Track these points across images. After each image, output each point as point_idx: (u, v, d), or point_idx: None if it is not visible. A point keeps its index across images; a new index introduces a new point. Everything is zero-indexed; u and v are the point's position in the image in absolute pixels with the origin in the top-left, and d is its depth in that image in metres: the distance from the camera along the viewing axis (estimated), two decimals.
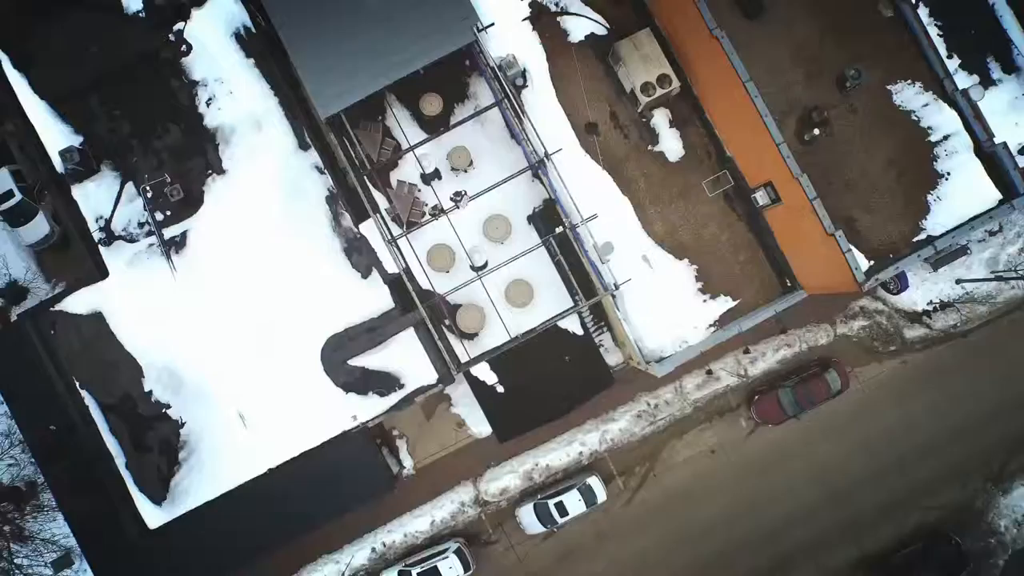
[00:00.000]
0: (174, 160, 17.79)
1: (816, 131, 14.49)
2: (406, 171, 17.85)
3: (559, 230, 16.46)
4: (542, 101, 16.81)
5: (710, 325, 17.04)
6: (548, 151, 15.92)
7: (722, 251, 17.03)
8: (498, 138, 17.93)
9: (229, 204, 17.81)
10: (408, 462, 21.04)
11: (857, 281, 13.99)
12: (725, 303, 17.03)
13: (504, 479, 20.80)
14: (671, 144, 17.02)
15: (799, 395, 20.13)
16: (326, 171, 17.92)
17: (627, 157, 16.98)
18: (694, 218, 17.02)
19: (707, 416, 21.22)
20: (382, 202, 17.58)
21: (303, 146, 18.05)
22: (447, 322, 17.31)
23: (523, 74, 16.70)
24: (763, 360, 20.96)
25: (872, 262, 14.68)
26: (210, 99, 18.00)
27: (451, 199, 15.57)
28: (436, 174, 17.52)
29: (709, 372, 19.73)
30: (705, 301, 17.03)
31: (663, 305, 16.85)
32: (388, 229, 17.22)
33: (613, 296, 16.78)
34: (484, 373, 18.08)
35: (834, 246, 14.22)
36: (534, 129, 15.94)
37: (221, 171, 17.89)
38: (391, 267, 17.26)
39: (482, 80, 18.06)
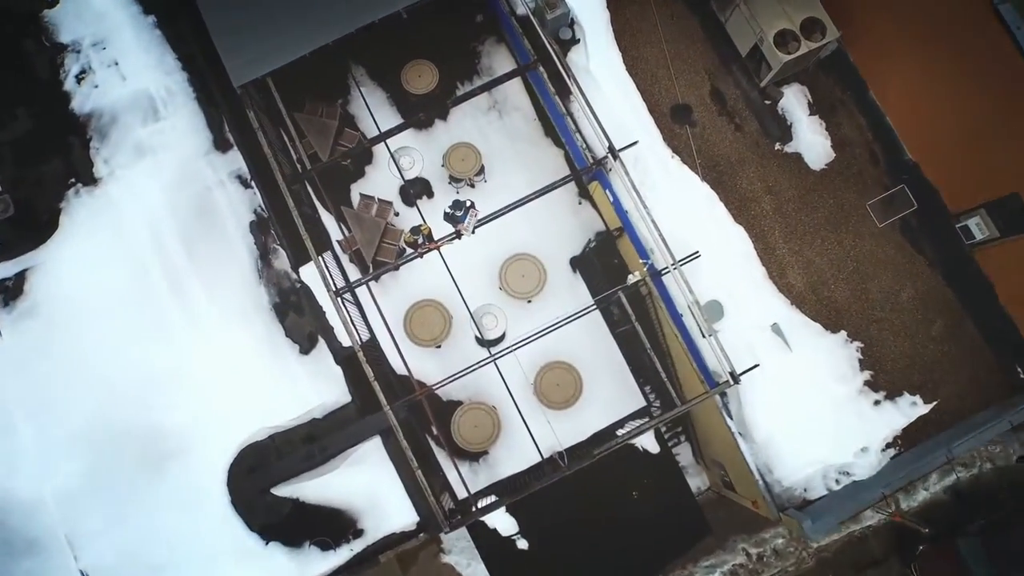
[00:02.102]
0: (18, 160, 11.42)
1: None
2: (377, 181, 11.26)
3: (631, 279, 9.58)
4: (601, 68, 10.29)
5: (888, 444, 9.89)
6: (614, 147, 9.22)
7: (903, 318, 10.10)
8: (524, 131, 11.41)
9: (98, 231, 11.25)
10: None
11: None
12: (912, 406, 9.93)
13: None
14: (812, 141, 10.36)
15: (992, 549, 12.72)
16: (254, 183, 11.42)
17: (741, 161, 10.33)
18: (854, 262, 10.19)
19: (838, 574, 13.84)
20: (335, 231, 10.92)
21: (220, 145, 11.63)
22: (435, 430, 10.29)
23: (571, 23, 10.27)
24: (924, 486, 13.68)
25: None
26: (83, 72, 11.77)
27: (446, 215, 8.76)
28: (423, 188, 10.90)
29: (893, 511, 11.87)
30: (878, 403, 9.94)
31: (806, 409, 9.78)
32: (341, 272, 10.48)
33: (723, 395, 9.78)
34: (496, 516, 10.90)
35: None
36: (590, 111, 9.27)
37: (91, 180, 11.43)
38: (346, 337, 10.40)
39: (501, 46, 11.68)
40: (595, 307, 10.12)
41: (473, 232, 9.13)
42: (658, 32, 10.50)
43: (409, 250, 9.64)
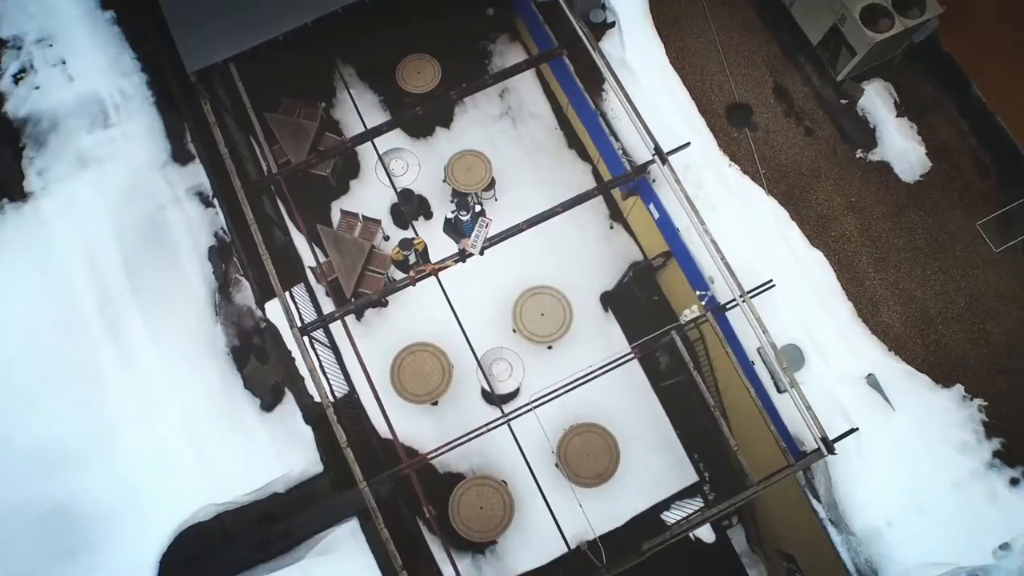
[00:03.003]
0: None
1: None
2: (364, 198, 9.28)
3: (687, 316, 7.41)
4: (639, 60, 8.42)
5: None
6: (662, 149, 7.23)
7: None
8: (543, 142, 9.51)
9: (22, 256, 9.25)
10: None
11: None
12: None
13: None
14: (903, 147, 8.36)
15: None
16: (216, 201, 9.47)
17: (814, 172, 8.31)
18: (966, 296, 8.01)
19: None
20: (308, 256, 8.85)
21: (180, 156, 9.75)
22: (428, 513, 7.89)
23: (603, 5, 8.46)
24: None
25: None
26: (23, 71, 10.04)
27: (447, 224, 6.68)
28: (419, 205, 8.90)
29: None
30: (1016, 481, 7.55)
31: (920, 489, 7.41)
32: (315, 308, 8.36)
33: (806, 470, 7.45)
34: None
35: None
36: (631, 106, 7.33)
37: (19, 195, 9.51)
38: (318, 392, 8.14)
39: (515, 45, 9.91)
40: (633, 357, 7.89)
41: (482, 253, 7.02)
42: (707, 20, 8.69)
43: (399, 275, 7.51)
